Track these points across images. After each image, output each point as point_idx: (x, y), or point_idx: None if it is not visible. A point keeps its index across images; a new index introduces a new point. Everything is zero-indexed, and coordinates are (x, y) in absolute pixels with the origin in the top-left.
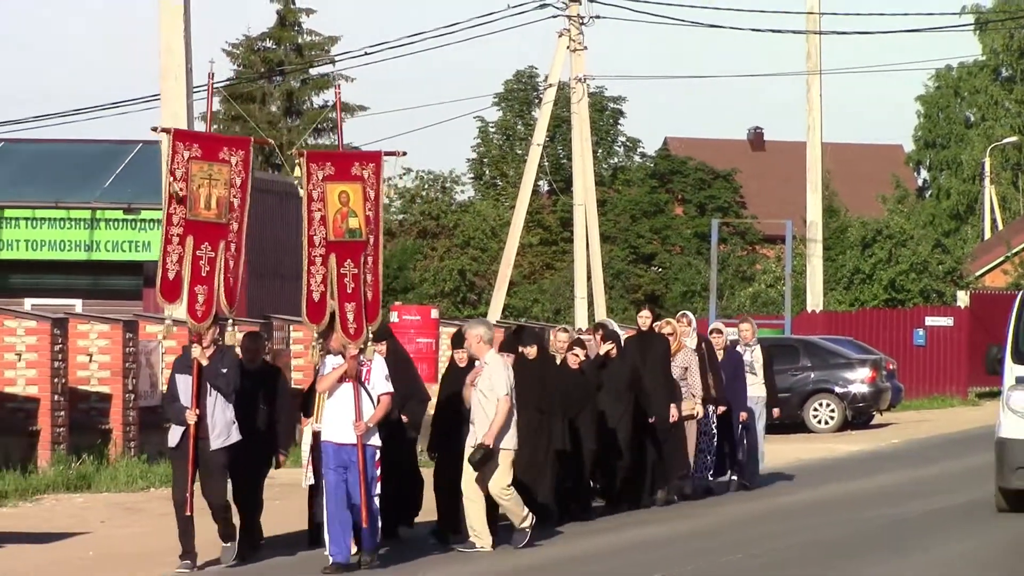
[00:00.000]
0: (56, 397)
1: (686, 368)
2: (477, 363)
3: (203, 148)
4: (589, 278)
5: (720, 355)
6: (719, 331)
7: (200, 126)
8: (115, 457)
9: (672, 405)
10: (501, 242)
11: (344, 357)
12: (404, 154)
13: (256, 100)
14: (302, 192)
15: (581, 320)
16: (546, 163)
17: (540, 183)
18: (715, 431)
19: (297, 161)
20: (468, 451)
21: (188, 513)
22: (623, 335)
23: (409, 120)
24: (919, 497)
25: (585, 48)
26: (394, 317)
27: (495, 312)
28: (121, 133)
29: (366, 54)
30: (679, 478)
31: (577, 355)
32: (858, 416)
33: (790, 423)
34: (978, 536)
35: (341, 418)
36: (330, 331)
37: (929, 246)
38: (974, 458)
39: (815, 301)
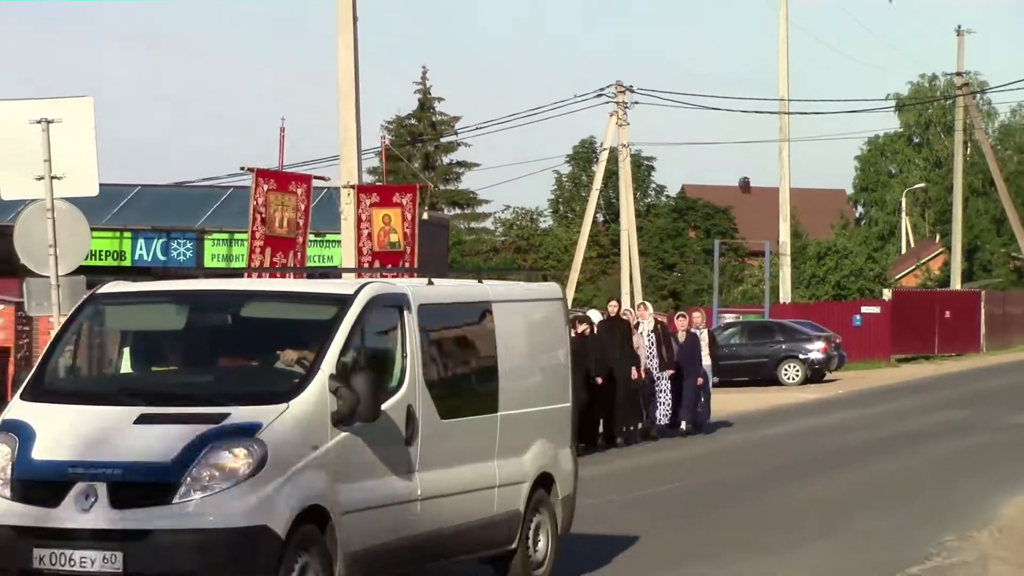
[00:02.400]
0: None
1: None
2: None
3: (277, 182)
4: (631, 280)
5: (683, 336)
6: (684, 316)
7: (368, 178)
8: None
9: (633, 368)
10: (570, 256)
11: None
12: (427, 187)
13: (404, 159)
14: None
15: (627, 305)
16: (601, 202)
17: (597, 215)
18: (668, 388)
19: (348, 192)
20: None
21: None
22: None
23: (508, 172)
24: (858, 430)
25: (628, 123)
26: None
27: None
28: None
29: (478, 128)
30: (640, 423)
31: (575, 330)
32: (815, 375)
33: (768, 380)
34: (904, 458)
35: None
36: None
37: (863, 258)
38: (897, 403)
39: (785, 296)
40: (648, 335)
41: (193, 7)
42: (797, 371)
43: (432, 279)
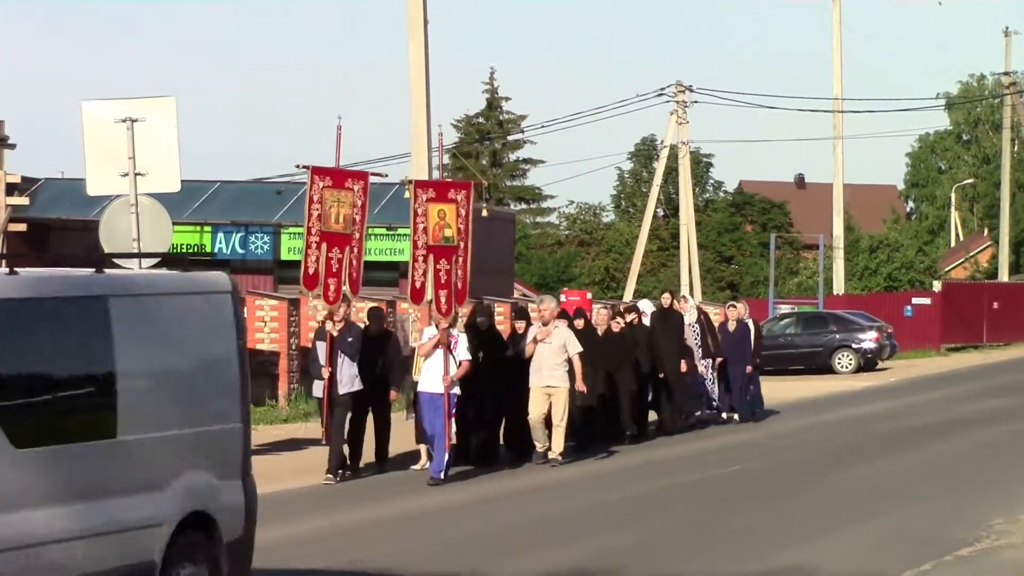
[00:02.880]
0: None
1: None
2: (532, 329)
3: (333, 179)
4: (690, 272)
5: (733, 325)
6: (734, 306)
7: (437, 175)
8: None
9: (683, 360)
10: (632, 249)
11: (437, 329)
12: (483, 184)
13: (472, 156)
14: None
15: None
16: (661, 197)
17: (658, 210)
18: (715, 377)
19: (407, 188)
20: (536, 389)
21: (326, 443)
22: (650, 311)
23: (572, 168)
24: (910, 416)
25: (688, 122)
26: (562, 298)
27: (628, 295)
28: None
29: (543, 126)
30: (689, 413)
31: (619, 323)
32: (868, 363)
33: (822, 368)
34: (954, 443)
35: (433, 374)
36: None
37: (914, 251)
38: (947, 391)
39: (839, 288)
40: (692, 326)
41: (266, 10)
42: (850, 360)
43: (16, 268)
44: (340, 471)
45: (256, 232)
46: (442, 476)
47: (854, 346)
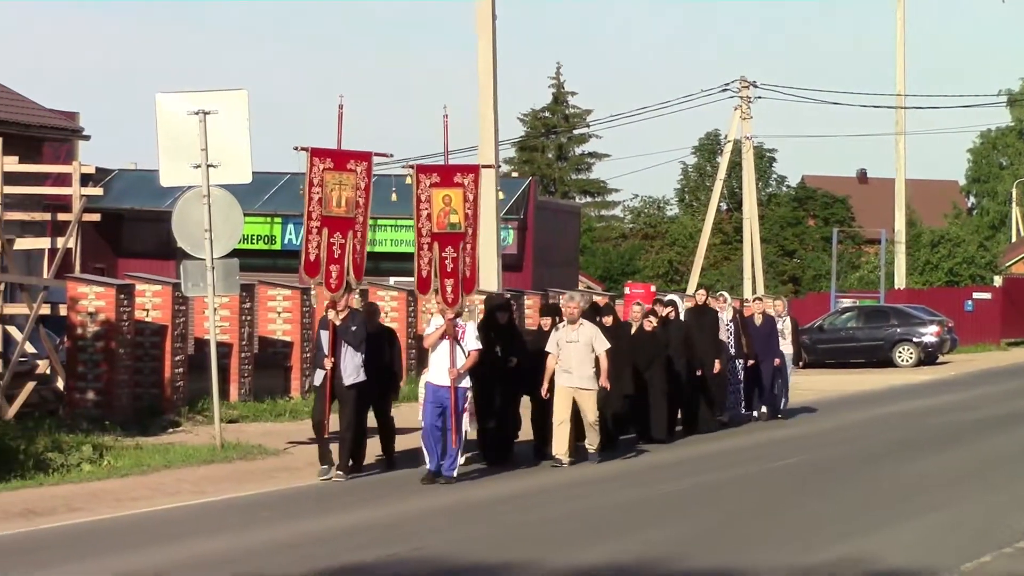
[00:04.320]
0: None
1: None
2: (559, 325)
3: (334, 161)
4: (752, 266)
5: (759, 319)
6: (760, 299)
7: (505, 167)
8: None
9: (716, 360)
10: (695, 243)
11: (444, 319)
12: (499, 167)
13: (539, 150)
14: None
15: (747, 292)
16: (725, 191)
17: (721, 204)
18: (741, 377)
19: (409, 173)
20: (562, 389)
21: (324, 436)
22: (684, 306)
23: (637, 162)
24: (969, 410)
25: (751, 117)
26: (626, 291)
27: (691, 288)
28: None
29: (609, 121)
30: (721, 411)
31: (651, 321)
32: (928, 357)
33: (883, 362)
34: (1012, 433)
35: (440, 366)
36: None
37: (975, 246)
38: (1007, 384)
39: (900, 282)
40: (727, 324)
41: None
42: (911, 354)
43: None
44: (348, 467)
45: (296, 222)
46: (455, 475)
47: (915, 340)
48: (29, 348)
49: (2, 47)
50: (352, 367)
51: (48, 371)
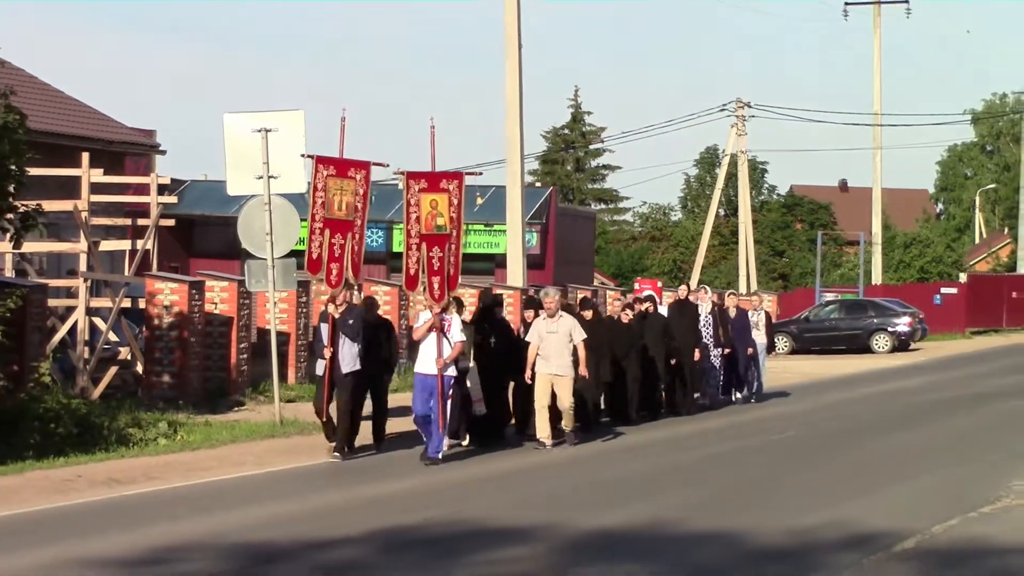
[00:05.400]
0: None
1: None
2: (539, 318)
3: (336, 168)
4: (747, 264)
5: (733, 312)
6: (734, 294)
7: (529, 178)
8: None
9: (696, 349)
10: (696, 244)
11: (432, 314)
12: (481, 173)
13: (559, 163)
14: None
15: (743, 287)
16: (722, 199)
17: (719, 210)
18: (718, 365)
19: (399, 179)
20: (542, 376)
21: (324, 419)
22: (666, 300)
23: (645, 173)
24: (939, 390)
25: (746, 133)
26: (636, 286)
27: (693, 284)
28: (483, 180)
29: (621, 136)
30: (702, 395)
31: (627, 314)
32: (902, 344)
33: (861, 348)
34: (979, 414)
35: (428, 356)
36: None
37: (943, 247)
38: (972, 369)
39: (877, 278)
40: (706, 316)
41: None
42: (886, 341)
43: None
44: (344, 448)
45: (372, 228)
46: (440, 456)
47: (890, 329)
48: (112, 337)
49: (91, 72)
50: (350, 357)
51: (129, 357)
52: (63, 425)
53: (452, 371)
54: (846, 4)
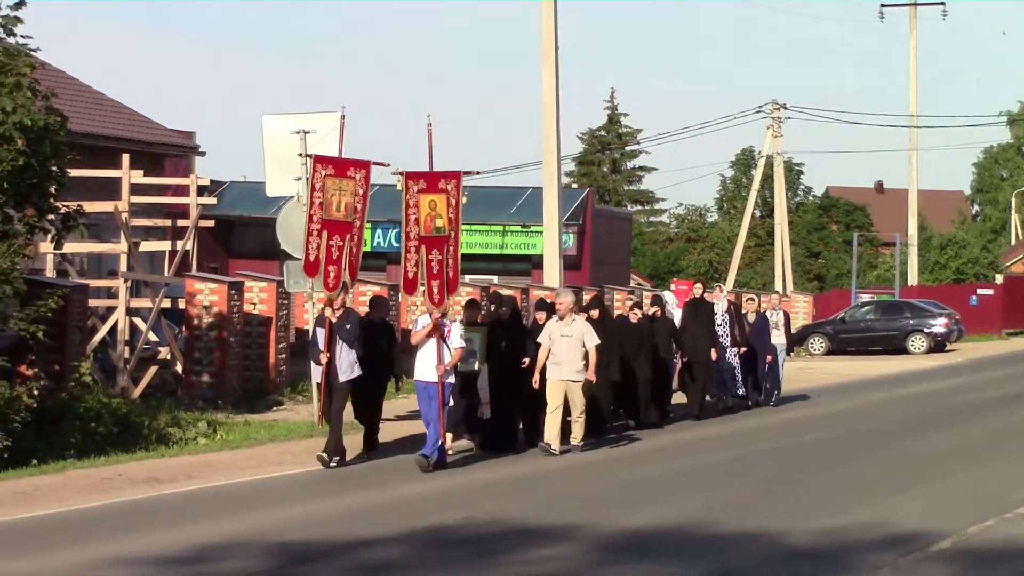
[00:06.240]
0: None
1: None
2: (552, 320)
3: (335, 168)
4: (783, 266)
5: (752, 316)
6: (753, 299)
7: (565, 180)
8: None
9: (712, 349)
10: (732, 245)
11: (431, 318)
12: (478, 173)
13: (595, 164)
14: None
15: (779, 288)
16: (758, 200)
17: (755, 211)
18: (737, 365)
19: (398, 179)
20: (555, 382)
21: (320, 425)
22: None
23: (681, 175)
24: (975, 391)
25: (782, 135)
26: (672, 287)
27: (729, 284)
28: (515, 181)
29: (657, 138)
30: (718, 398)
31: (636, 313)
32: (938, 345)
33: (897, 349)
34: (1013, 412)
35: (427, 363)
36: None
37: (979, 249)
38: (1008, 370)
39: (913, 280)
40: (722, 315)
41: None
42: (922, 342)
43: None
44: (338, 457)
45: (390, 228)
46: (433, 458)
47: (926, 330)
48: (152, 337)
49: (131, 75)
50: (347, 363)
51: (168, 357)
52: (104, 424)
53: (452, 378)
54: (882, 6)
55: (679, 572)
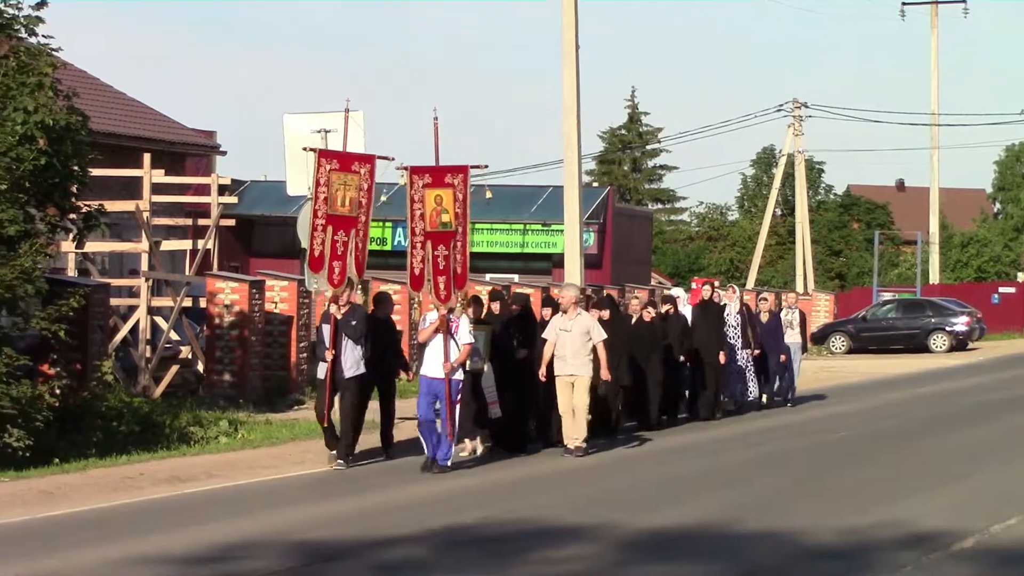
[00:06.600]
0: None
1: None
2: (558, 316)
3: (340, 162)
4: (804, 264)
5: (766, 316)
6: (765, 299)
7: (586, 178)
8: None
9: (721, 351)
10: (753, 244)
11: (438, 315)
12: (487, 167)
13: (616, 163)
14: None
15: (799, 287)
16: (779, 198)
17: (776, 210)
18: (751, 366)
19: (402, 174)
20: (561, 377)
21: (325, 424)
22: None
23: (702, 173)
24: (997, 390)
25: (803, 133)
26: (693, 285)
27: (750, 283)
28: (536, 180)
29: (678, 137)
30: (729, 399)
31: (649, 312)
32: (959, 344)
33: (919, 348)
34: None
35: (434, 359)
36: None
37: (1000, 247)
38: None
39: (934, 278)
40: (734, 316)
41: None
42: (944, 341)
43: None
44: (348, 456)
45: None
46: (449, 464)
47: (947, 329)
48: (173, 336)
49: (152, 75)
50: (352, 360)
51: (190, 356)
52: (125, 423)
53: (459, 375)
54: (903, 4)
55: (702, 571)
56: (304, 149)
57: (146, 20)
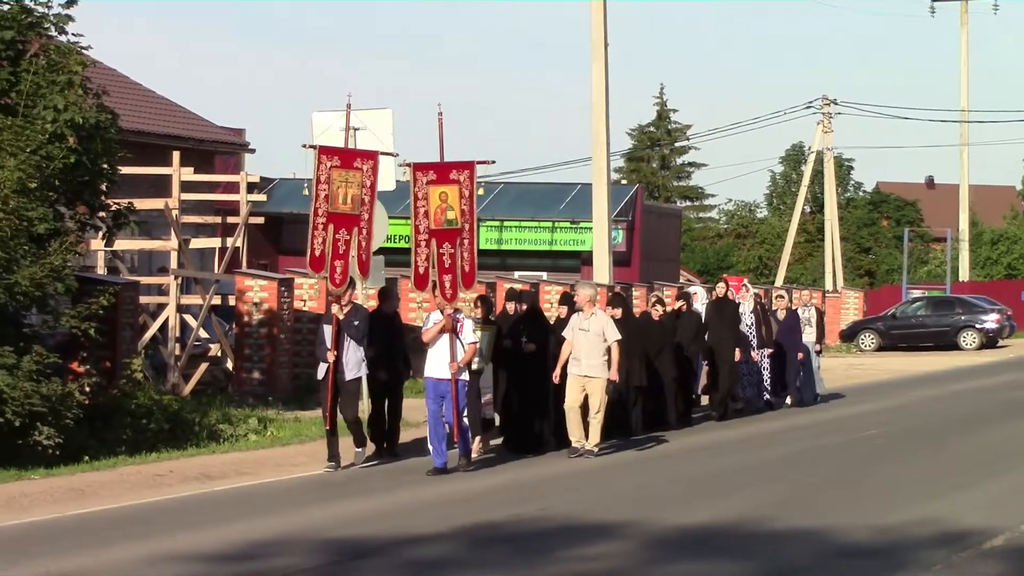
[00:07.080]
0: None
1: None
2: (576, 315)
3: (341, 159)
4: (833, 262)
5: (782, 314)
6: (782, 296)
7: (615, 176)
8: None
9: (736, 349)
10: (782, 241)
11: (443, 314)
12: (494, 162)
13: (644, 160)
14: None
15: (828, 284)
16: (808, 196)
17: (805, 207)
18: (765, 366)
19: (405, 171)
20: (573, 377)
21: (328, 427)
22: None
23: (731, 171)
24: None
25: (832, 130)
26: (723, 284)
27: (779, 280)
28: (564, 177)
29: (707, 134)
30: (742, 399)
31: (658, 310)
32: (990, 341)
33: (949, 345)
34: None
35: (439, 360)
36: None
37: None
38: None
39: (964, 275)
40: (749, 315)
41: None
42: (974, 338)
43: None
44: (368, 454)
45: None
46: (471, 459)
47: (978, 326)
48: (203, 334)
49: (182, 73)
50: (354, 361)
51: (219, 354)
52: (155, 421)
53: (466, 375)
54: (933, 1)
55: (734, 570)
56: (303, 147)
57: (176, 18)
